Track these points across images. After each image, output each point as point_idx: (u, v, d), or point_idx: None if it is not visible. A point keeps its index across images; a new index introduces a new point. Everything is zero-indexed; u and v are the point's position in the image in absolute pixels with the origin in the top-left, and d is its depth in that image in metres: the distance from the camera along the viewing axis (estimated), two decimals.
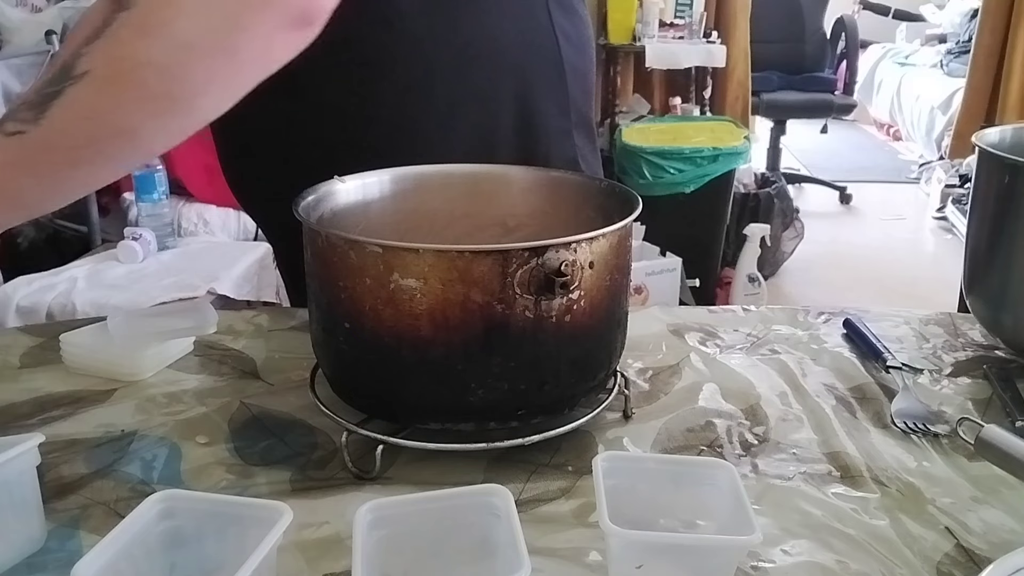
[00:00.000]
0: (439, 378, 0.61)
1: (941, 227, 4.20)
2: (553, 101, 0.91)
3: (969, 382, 0.78)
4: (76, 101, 0.54)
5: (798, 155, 5.39)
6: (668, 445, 0.68)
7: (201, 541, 0.50)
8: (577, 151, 0.93)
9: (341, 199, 0.75)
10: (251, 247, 2.28)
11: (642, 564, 0.49)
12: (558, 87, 0.91)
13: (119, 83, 0.55)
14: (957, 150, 4.27)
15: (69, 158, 0.56)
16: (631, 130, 3.12)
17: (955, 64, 4.96)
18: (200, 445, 0.67)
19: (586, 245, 0.60)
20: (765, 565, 0.54)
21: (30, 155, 0.55)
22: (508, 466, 0.64)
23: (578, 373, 0.65)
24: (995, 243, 0.79)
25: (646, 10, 3.50)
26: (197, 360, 0.81)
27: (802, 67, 4.48)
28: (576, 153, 0.93)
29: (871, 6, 6.05)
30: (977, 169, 0.82)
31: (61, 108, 0.54)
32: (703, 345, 0.85)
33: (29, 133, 0.54)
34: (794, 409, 0.73)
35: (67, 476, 0.63)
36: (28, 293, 1.96)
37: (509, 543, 0.47)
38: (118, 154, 0.58)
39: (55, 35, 2.33)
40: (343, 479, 0.63)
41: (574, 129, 0.93)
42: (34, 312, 1.91)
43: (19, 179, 0.56)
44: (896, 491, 0.61)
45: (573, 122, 0.92)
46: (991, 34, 4.06)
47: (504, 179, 0.81)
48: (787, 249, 3.57)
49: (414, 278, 0.58)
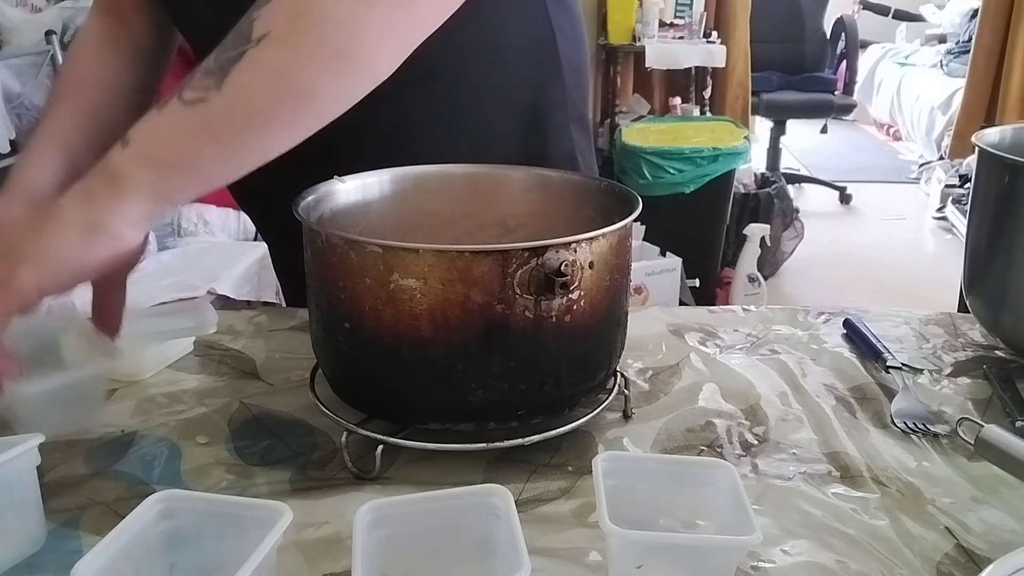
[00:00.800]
0: (439, 378, 0.61)
1: (941, 227, 4.20)
2: (550, 96, 0.91)
3: (969, 382, 0.78)
4: (258, 63, 0.53)
5: (798, 155, 5.39)
6: (668, 445, 0.68)
7: (201, 541, 0.50)
8: (575, 145, 0.93)
9: (341, 199, 0.75)
10: (251, 247, 2.28)
11: (642, 564, 0.49)
12: (555, 82, 0.91)
13: (299, 42, 0.54)
14: (957, 150, 4.28)
15: (252, 123, 0.55)
16: (631, 130, 3.13)
17: (955, 64, 4.96)
18: (200, 445, 0.67)
19: (586, 245, 0.60)
20: (765, 565, 0.54)
21: (213, 121, 0.54)
22: (508, 466, 0.64)
23: (578, 373, 0.65)
24: (995, 243, 0.79)
25: (646, 10, 3.50)
26: (197, 360, 0.81)
27: (802, 67, 4.48)
28: (574, 147, 0.93)
29: (871, 6, 6.05)
30: (977, 169, 0.82)
31: (243, 71, 0.53)
32: (703, 345, 0.85)
33: (211, 100, 0.53)
34: (794, 409, 0.73)
35: (67, 476, 0.63)
36: None
37: (509, 543, 0.47)
38: (296, 119, 0.57)
39: (55, 35, 2.33)
40: (343, 479, 0.63)
41: (571, 123, 0.93)
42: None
43: (202, 147, 0.55)
44: (896, 491, 0.61)
45: (570, 116, 0.92)
46: (991, 34, 4.06)
47: (504, 179, 0.81)
48: (787, 249, 3.57)
49: (414, 278, 0.58)
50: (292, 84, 0.55)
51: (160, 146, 0.54)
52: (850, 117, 4.78)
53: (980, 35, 4.13)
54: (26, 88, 2.37)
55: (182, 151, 0.55)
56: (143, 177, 0.54)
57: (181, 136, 0.55)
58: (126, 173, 0.54)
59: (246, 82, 0.54)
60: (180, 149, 0.55)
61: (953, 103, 4.57)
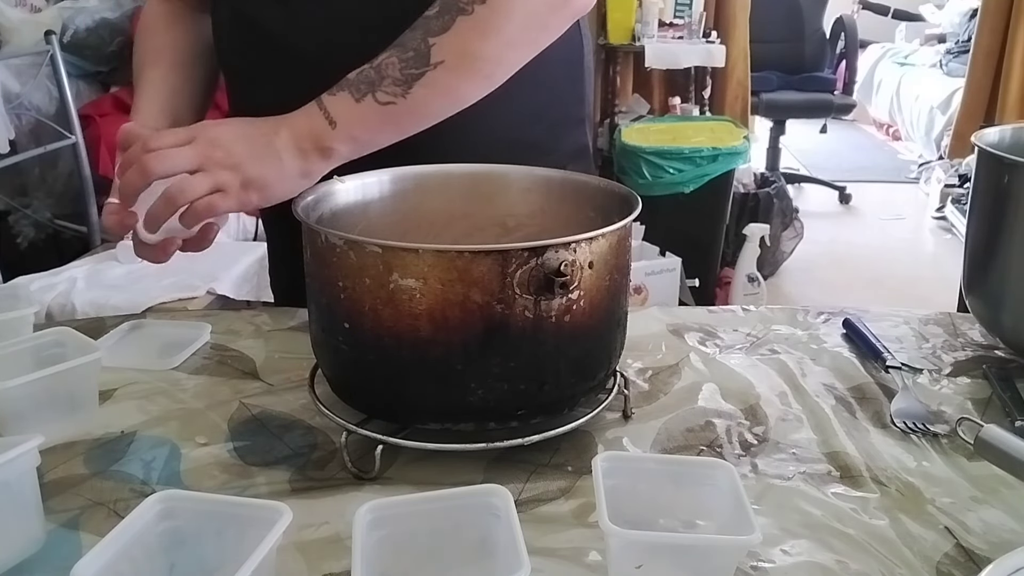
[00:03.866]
0: (439, 378, 0.61)
1: (940, 227, 4.20)
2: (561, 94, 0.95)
3: (968, 382, 0.78)
4: (435, 82, 0.75)
5: (797, 155, 5.39)
6: (668, 445, 0.68)
7: (201, 541, 0.50)
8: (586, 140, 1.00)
9: (341, 199, 0.75)
10: (251, 247, 2.28)
11: (642, 564, 0.49)
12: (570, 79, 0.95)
13: (464, 71, 0.77)
14: (956, 150, 4.28)
15: (422, 120, 0.78)
16: (631, 130, 3.12)
17: (954, 64, 4.96)
18: (199, 445, 0.67)
19: (586, 245, 0.60)
20: (765, 565, 0.54)
21: (398, 118, 0.76)
22: (508, 466, 0.64)
23: (578, 373, 0.65)
24: (994, 243, 0.79)
25: (645, 10, 3.50)
26: (197, 360, 0.81)
27: (801, 67, 4.48)
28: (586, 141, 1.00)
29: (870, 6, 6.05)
30: (976, 169, 0.82)
31: (424, 87, 0.75)
32: (703, 345, 0.85)
33: (398, 103, 0.75)
34: (794, 409, 0.73)
35: (67, 477, 0.63)
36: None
37: (509, 543, 0.47)
38: (443, 116, 0.78)
39: (54, 35, 2.33)
40: (343, 479, 0.63)
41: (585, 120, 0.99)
42: None
43: (386, 133, 0.77)
44: (896, 491, 0.61)
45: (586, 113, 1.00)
46: (990, 34, 4.06)
47: (504, 179, 0.81)
48: (786, 249, 3.57)
49: (414, 278, 0.58)
50: (455, 100, 0.79)
51: (358, 130, 0.75)
52: (850, 117, 4.78)
53: (979, 35, 4.13)
54: (26, 88, 2.37)
55: (372, 135, 0.77)
56: (344, 150, 0.75)
57: (373, 125, 0.76)
58: (333, 147, 0.75)
59: (423, 95, 0.75)
60: (371, 134, 0.77)
61: (952, 103, 4.57)
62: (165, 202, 0.70)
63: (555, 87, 0.93)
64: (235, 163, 0.72)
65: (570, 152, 0.96)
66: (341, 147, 0.75)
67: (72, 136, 2.33)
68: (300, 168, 0.74)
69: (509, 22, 0.77)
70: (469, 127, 0.80)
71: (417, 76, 0.74)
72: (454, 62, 0.75)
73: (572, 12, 0.82)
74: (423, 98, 0.75)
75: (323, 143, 0.74)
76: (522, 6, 0.77)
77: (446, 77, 0.75)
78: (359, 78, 0.75)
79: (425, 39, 0.75)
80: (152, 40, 0.95)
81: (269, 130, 0.74)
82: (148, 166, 0.70)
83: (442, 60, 0.74)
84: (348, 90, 0.74)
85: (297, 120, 0.75)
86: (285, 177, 0.73)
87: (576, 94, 0.99)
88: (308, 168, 0.74)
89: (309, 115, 0.74)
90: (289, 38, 0.85)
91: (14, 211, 2.49)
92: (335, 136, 0.74)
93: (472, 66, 0.77)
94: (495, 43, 0.77)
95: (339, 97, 0.75)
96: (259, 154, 0.73)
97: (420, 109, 0.77)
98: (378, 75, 0.74)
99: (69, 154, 2.37)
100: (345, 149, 0.75)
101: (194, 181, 0.71)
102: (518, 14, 0.77)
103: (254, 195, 0.73)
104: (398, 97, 0.74)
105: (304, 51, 0.84)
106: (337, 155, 0.75)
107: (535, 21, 0.79)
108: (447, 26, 0.75)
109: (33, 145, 2.34)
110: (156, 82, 0.91)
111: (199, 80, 0.95)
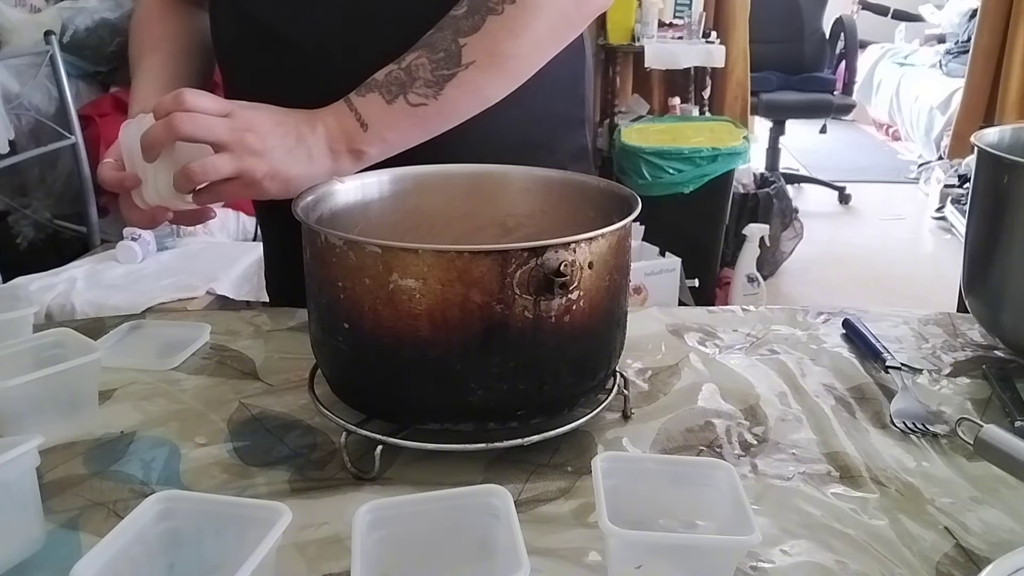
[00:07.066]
0: (438, 378, 0.61)
1: (940, 227, 4.21)
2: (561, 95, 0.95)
3: (968, 382, 0.78)
4: (466, 83, 0.75)
5: (797, 155, 5.40)
6: (667, 445, 0.68)
7: (200, 542, 0.50)
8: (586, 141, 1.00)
9: (340, 199, 0.75)
10: (250, 247, 2.28)
11: (641, 564, 0.49)
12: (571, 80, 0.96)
13: (495, 70, 0.77)
14: (956, 150, 4.28)
15: (452, 120, 0.78)
16: (630, 130, 3.13)
17: (954, 64, 4.96)
18: (199, 446, 0.67)
19: (585, 245, 0.60)
20: (764, 565, 0.54)
21: (428, 119, 0.76)
22: (507, 466, 0.64)
23: (577, 373, 0.65)
24: (994, 243, 0.79)
25: (645, 10, 3.50)
26: (197, 360, 0.81)
27: (801, 67, 4.48)
28: (586, 142, 1.01)
29: (870, 6, 6.06)
30: (976, 169, 0.82)
31: (454, 87, 0.75)
32: (702, 345, 0.85)
33: (430, 105, 0.75)
34: (793, 409, 0.73)
35: (67, 477, 0.63)
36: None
37: (508, 543, 0.47)
38: (469, 116, 0.79)
39: (54, 35, 2.33)
40: (342, 479, 0.63)
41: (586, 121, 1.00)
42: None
43: (416, 134, 0.77)
44: (895, 491, 0.61)
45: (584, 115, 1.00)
46: (990, 34, 4.07)
47: (503, 179, 0.81)
48: (786, 249, 3.57)
49: (413, 278, 0.58)
50: (483, 99, 0.79)
51: (389, 132, 0.76)
52: (849, 117, 4.79)
53: (979, 35, 4.14)
54: (25, 88, 2.37)
55: (403, 137, 0.77)
56: (375, 151, 0.76)
57: (405, 128, 0.76)
58: (364, 149, 0.75)
59: (455, 95, 0.76)
60: (402, 136, 0.77)
61: (952, 103, 4.57)
62: (184, 175, 0.69)
63: (555, 88, 0.93)
64: (265, 152, 0.71)
65: (570, 153, 0.97)
66: (372, 149, 0.75)
67: (72, 136, 2.33)
68: (329, 169, 0.74)
69: (538, 20, 0.77)
70: (469, 128, 0.80)
71: (449, 77, 0.74)
72: (486, 62, 0.76)
73: (596, 8, 0.83)
74: (454, 99, 0.76)
75: (355, 145, 0.74)
76: (551, 4, 0.78)
77: (477, 77, 0.76)
78: (388, 79, 0.74)
79: (456, 39, 0.75)
80: (150, 31, 0.95)
81: (305, 128, 0.73)
82: (178, 124, 0.68)
83: (473, 60, 0.75)
84: (378, 91, 0.74)
85: (328, 119, 0.74)
86: (312, 176, 0.73)
87: (576, 95, 0.99)
88: (337, 169, 0.74)
89: (339, 116, 0.74)
90: (288, 32, 0.84)
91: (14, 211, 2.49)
92: (367, 139, 0.74)
93: (503, 65, 0.77)
94: (526, 42, 0.78)
95: (369, 99, 0.74)
96: (291, 149, 0.72)
97: (450, 110, 0.77)
98: (408, 76, 0.74)
99: (69, 154, 2.37)
100: (375, 151, 0.76)
101: (219, 162, 0.69)
102: (547, 12, 0.78)
103: (275, 187, 0.72)
104: (430, 99, 0.75)
105: (302, 45, 0.84)
106: (367, 157, 0.76)
107: (563, 19, 0.80)
108: (477, 26, 0.75)
109: (33, 145, 2.35)
110: (156, 68, 0.90)
111: (197, 71, 0.94)
